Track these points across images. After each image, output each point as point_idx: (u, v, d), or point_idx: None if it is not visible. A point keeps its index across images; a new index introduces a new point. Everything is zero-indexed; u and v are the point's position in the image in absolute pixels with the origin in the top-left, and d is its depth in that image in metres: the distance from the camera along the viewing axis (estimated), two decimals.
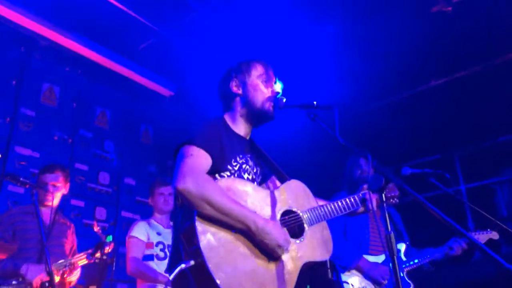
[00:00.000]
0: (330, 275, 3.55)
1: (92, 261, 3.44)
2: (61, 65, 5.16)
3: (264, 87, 2.20)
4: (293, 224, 2.05)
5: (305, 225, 2.08)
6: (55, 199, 3.61)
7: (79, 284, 3.67)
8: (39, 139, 4.75)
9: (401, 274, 3.45)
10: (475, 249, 3.57)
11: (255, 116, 2.19)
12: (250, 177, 2.13)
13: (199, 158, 1.92)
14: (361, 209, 2.36)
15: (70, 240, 3.72)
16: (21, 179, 3.13)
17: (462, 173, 5.99)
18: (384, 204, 1.84)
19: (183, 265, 1.76)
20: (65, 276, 3.35)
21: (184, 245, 1.83)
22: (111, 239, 3.40)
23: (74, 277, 3.46)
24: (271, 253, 1.89)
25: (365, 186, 2.48)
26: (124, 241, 3.98)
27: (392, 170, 2.05)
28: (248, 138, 2.26)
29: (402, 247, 3.60)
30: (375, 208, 2.33)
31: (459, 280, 4.63)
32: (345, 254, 3.39)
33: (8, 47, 4.75)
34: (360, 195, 2.34)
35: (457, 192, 5.81)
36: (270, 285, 1.84)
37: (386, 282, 3.32)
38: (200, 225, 1.79)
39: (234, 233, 1.86)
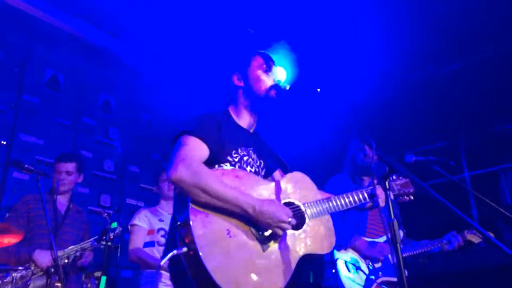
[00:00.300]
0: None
1: (98, 247, 3.50)
2: (65, 52, 5.15)
3: (266, 77, 2.20)
4: (293, 216, 2.01)
5: (306, 217, 2.05)
6: (69, 187, 3.72)
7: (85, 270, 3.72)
8: (43, 126, 4.76)
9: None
10: (471, 246, 3.53)
11: (259, 105, 2.20)
12: (253, 169, 2.13)
13: (195, 148, 1.93)
14: (369, 204, 2.32)
15: (83, 227, 3.79)
16: (26, 165, 3.15)
17: (466, 160, 5.97)
18: (388, 192, 1.82)
19: (175, 251, 1.77)
20: (76, 261, 3.42)
21: (180, 232, 1.83)
22: (116, 226, 3.43)
23: (85, 262, 3.53)
24: (274, 234, 1.87)
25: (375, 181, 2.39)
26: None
27: (395, 157, 2.04)
28: (252, 131, 2.26)
29: (400, 234, 3.57)
30: (382, 204, 2.25)
31: (455, 269, 4.63)
32: (342, 234, 3.34)
33: (11, 34, 4.73)
34: (369, 190, 2.28)
35: (461, 179, 5.80)
36: (265, 275, 1.81)
37: (382, 258, 3.29)
38: (194, 213, 1.79)
39: (230, 222, 1.84)
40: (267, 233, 1.89)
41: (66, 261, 3.32)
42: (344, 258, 3.28)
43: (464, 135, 5.99)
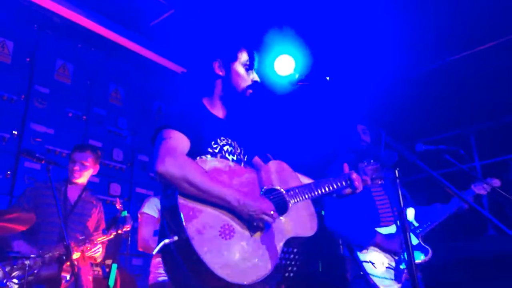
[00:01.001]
0: (341, 251, 3.55)
1: (110, 236, 3.54)
2: (75, 42, 5.16)
3: (246, 75, 2.24)
4: (276, 201, 2.08)
5: (289, 203, 2.11)
6: (83, 178, 3.75)
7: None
8: (54, 116, 4.80)
9: (417, 241, 3.42)
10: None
11: (234, 99, 2.25)
12: (234, 158, 2.17)
13: (177, 140, 1.97)
14: (348, 190, 2.37)
15: (95, 219, 3.81)
16: (37, 155, 3.19)
17: (477, 150, 5.93)
18: (398, 181, 1.82)
19: (166, 240, 1.81)
20: (85, 252, 3.44)
21: (168, 222, 1.88)
22: (126, 214, 3.47)
23: (96, 254, 3.56)
24: (257, 225, 1.95)
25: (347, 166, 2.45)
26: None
27: (406, 146, 2.03)
28: (226, 119, 2.30)
29: (411, 211, 3.52)
30: (360, 188, 2.33)
31: (472, 255, 4.61)
32: (358, 233, 3.34)
33: (21, 24, 4.75)
34: (347, 175, 2.35)
35: (471, 169, 5.76)
36: (253, 259, 1.89)
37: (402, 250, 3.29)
38: (182, 203, 1.84)
39: (218, 211, 1.91)
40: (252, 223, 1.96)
41: (76, 252, 3.36)
42: (368, 258, 3.28)
43: (475, 124, 5.94)
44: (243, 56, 2.25)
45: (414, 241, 3.43)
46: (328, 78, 2.01)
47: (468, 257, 4.60)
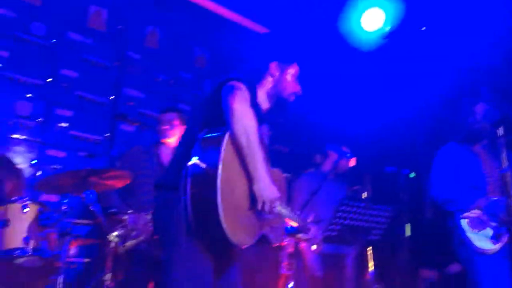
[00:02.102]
0: (430, 214, 3.44)
1: None
2: (161, 7, 5.31)
3: (295, 84, 2.48)
4: None
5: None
6: (173, 138, 3.84)
7: None
8: (145, 80, 5.04)
9: None
10: None
11: (277, 100, 2.44)
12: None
13: (247, 94, 2.06)
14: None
15: None
16: (130, 118, 3.36)
17: None
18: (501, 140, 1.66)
19: (197, 161, 1.89)
20: None
21: (206, 149, 1.93)
22: None
23: None
24: (258, 206, 2.04)
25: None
26: None
27: None
28: (266, 113, 2.43)
29: None
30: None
31: None
32: (462, 198, 3.24)
33: None
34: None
35: None
36: (248, 227, 2.04)
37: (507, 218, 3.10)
38: (227, 143, 1.92)
39: (243, 172, 2.00)
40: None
41: None
42: (467, 218, 3.17)
43: None
44: (295, 68, 2.49)
45: None
46: (424, 28, 1.85)
47: None
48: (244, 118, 1.94)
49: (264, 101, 2.43)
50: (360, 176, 4.40)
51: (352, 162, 4.01)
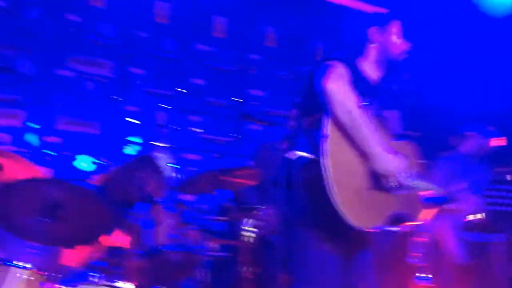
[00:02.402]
0: None
1: None
2: (277, 7, 5.42)
3: (400, 42, 2.29)
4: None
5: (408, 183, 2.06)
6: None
7: None
8: (266, 80, 5.20)
9: None
10: None
11: (388, 65, 2.29)
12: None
13: (345, 71, 1.98)
14: None
15: None
16: (256, 117, 3.49)
17: None
18: None
19: (305, 154, 1.89)
20: None
21: (313, 140, 1.90)
22: None
23: None
24: (385, 183, 1.96)
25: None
26: None
27: None
28: (375, 84, 2.28)
29: None
30: None
31: None
32: None
33: (233, 1, 5.22)
34: None
35: None
36: (369, 210, 1.93)
37: None
38: (332, 129, 1.86)
39: (354, 151, 1.92)
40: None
41: None
42: None
43: None
44: (397, 25, 2.31)
45: None
46: None
47: None
48: (341, 97, 1.87)
49: (373, 71, 2.29)
50: (506, 156, 3.98)
51: (499, 142, 3.65)
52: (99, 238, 2.68)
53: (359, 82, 2.10)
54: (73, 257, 2.97)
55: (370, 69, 2.28)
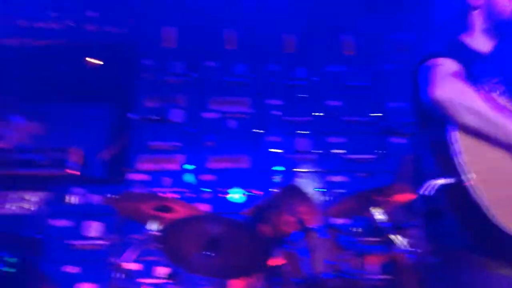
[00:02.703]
0: None
1: None
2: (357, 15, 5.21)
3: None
4: None
5: None
6: None
7: None
8: (403, 90, 4.96)
9: None
10: None
11: (501, 27, 1.93)
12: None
13: (450, 65, 1.67)
14: None
15: None
16: (398, 131, 3.33)
17: None
18: None
19: (443, 180, 1.55)
20: None
21: (439, 160, 1.60)
22: None
23: None
24: None
25: None
26: None
27: None
28: (492, 53, 1.91)
29: None
30: None
31: None
32: None
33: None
34: None
35: None
36: None
37: None
38: (459, 137, 1.54)
39: (499, 151, 1.59)
40: None
41: None
42: None
43: None
44: None
45: None
46: None
47: None
48: (456, 101, 1.55)
49: (484, 43, 1.93)
50: None
51: None
52: (259, 268, 2.76)
53: (476, 61, 1.82)
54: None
55: (481, 41, 1.95)
